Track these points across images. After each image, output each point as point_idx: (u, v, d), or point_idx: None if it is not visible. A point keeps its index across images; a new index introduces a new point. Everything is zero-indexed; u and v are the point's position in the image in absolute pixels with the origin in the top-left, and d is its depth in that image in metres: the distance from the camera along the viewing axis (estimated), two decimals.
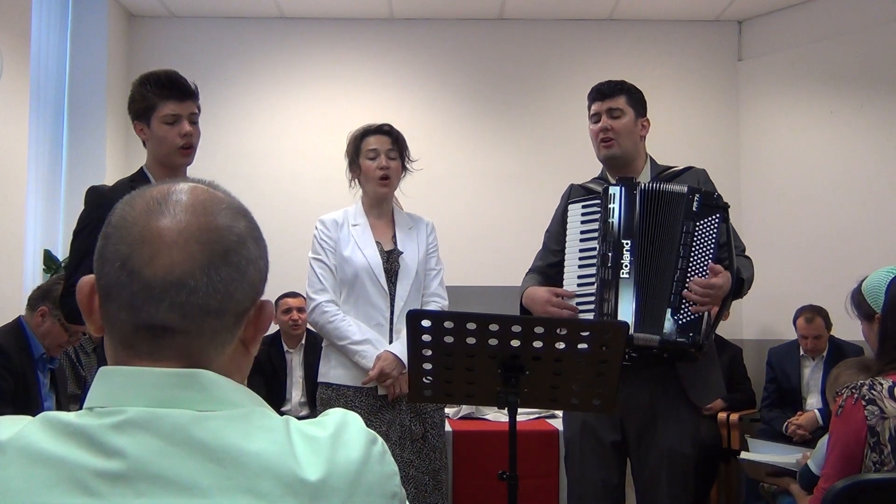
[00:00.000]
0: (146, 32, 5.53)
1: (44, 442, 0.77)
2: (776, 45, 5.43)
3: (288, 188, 5.36)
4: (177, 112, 2.32)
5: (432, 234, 2.96)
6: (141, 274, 0.81)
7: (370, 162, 2.83)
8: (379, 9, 5.46)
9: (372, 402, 2.75)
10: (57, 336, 3.27)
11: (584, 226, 2.46)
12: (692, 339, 2.27)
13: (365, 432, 0.86)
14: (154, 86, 2.33)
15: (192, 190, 0.87)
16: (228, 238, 0.84)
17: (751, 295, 2.54)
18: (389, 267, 2.82)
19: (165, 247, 0.81)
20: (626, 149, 2.54)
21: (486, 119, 5.59)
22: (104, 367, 0.84)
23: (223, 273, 0.82)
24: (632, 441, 2.44)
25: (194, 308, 0.81)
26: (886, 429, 1.74)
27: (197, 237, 0.82)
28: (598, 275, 2.38)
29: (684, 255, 2.32)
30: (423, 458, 2.74)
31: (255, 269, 0.86)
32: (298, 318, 4.60)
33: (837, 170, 5.06)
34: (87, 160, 5.04)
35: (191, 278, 0.81)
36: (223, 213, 0.85)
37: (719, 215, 2.34)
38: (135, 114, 2.36)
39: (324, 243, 2.85)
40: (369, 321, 2.78)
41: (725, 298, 2.31)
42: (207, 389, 0.82)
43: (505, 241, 5.14)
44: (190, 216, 0.83)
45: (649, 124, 2.62)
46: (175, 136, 2.32)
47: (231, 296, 0.83)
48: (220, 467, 0.77)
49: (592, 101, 2.60)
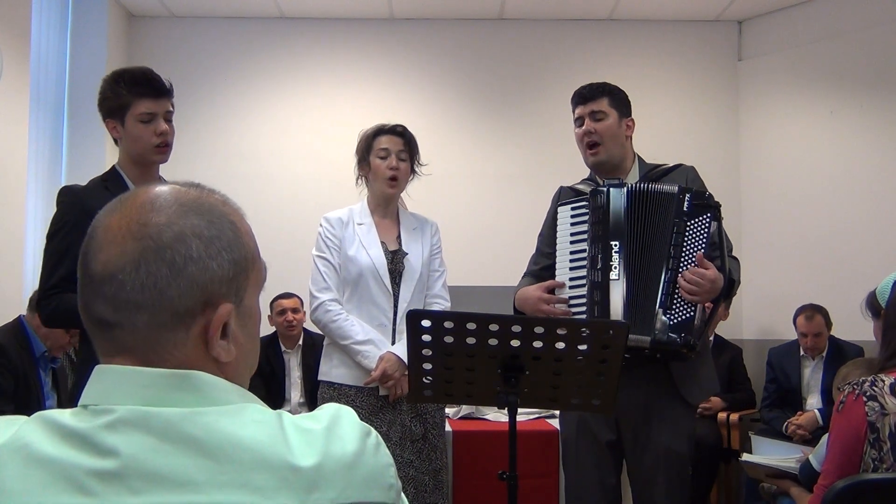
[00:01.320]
0: (146, 32, 5.53)
1: (39, 443, 0.78)
2: (776, 45, 5.43)
3: (287, 188, 5.36)
4: (152, 110, 2.27)
5: (437, 236, 2.96)
6: (88, 268, 0.85)
7: (380, 161, 2.83)
8: (379, 9, 5.46)
9: (373, 402, 2.75)
10: (59, 338, 3.28)
11: (573, 228, 2.46)
12: (684, 339, 2.26)
13: (359, 425, 0.86)
14: (128, 83, 2.28)
15: (152, 189, 0.88)
16: (165, 234, 0.83)
17: (751, 295, 2.54)
18: (394, 267, 2.82)
19: (107, 242, 0.84)
20: (613, 152, 2.54)
21: (486, 119, 5.59)
22: (99, 366, 0.85)
23: (152, 268, 0.82)
24: (627, 441, 2.44)
25: (122, 302, 0.82)
26: (886, 425, 1.74)
27: (133, 233, 0.83)
28: (588, 277, 2.38)
29: (675, 254, 2.31)
30: (424, 458, 2.74)
31: (200, 268, 0.84)
32: (293, 319, 4.60)
33: (837, 170, 5.05)
34: (87, 160, 5.04)
35: (120, 272, 0.82)
36: (168, 210, 0.85)
37: (710, 214, 2.32)
38: (107, 111, 2.30)
39: (328, 241, 2.84)
40: (372, 321, 2.78)
41: (717, 298, 2.30)
42: (200, 390, 0.82)
43: (505, 241, 5.14)
44: (135, 212, 0.85)
45: (634, 124, 2.61)
46: (151, 135, 2.27)
47: (161, 292, 0.82)
48: (214, 462, 0.77)
49: (575, 104, 2.60)
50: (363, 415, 2.69)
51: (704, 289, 2.25)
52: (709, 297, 2.29)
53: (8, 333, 3.25)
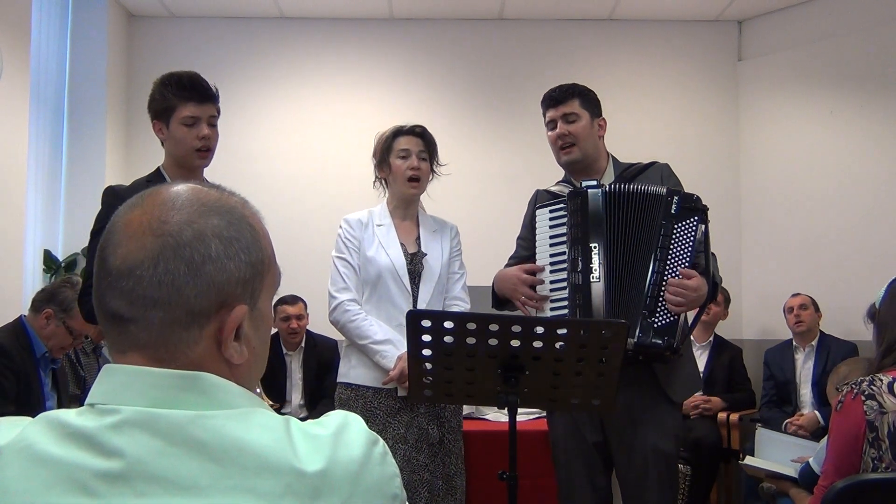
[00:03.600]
0: (146, 32, 5.53)
1: (43, 443, 0.78)
2: (776, 45, 5.43)
3: (288, 188, 5.36)
4: (196, 114, 2.34)
5: (456, 238, 2.96)
6: (106, 262, 0.85)
7: (401, 161, 2.81)
8: (379, 9, 5.46)
9: (391, 404, 2.72)
10: (61, 339, 3.27)
11: (552, 231, 2.45)
12: (666, 343, 2.25)
13: (366, 433, 0.85)
14: (175, 87, 2.34)
15: (179, 187, 0.88)
16: (184, 233, 0.84)
17: (751, 295, 2.55)
18: (413, 268, 2.81)
19: (126, 237, 0.84)
20: (587, 152, 2.54)
21: (486, 119, 5.59)
22: (108, 365, 0.85)
23: (171, 265, 0.82)
24: (613, 442, 2.43)
25: (139, 297, 0.82)
26: (885, 424, 1.74)
27: (154, 229, 0.83)
28: (568, 280, 2.37)
29: (661, 256, 2.29)
30: (439, 462, 2.70)
31: (218, 268, 0.84)
32: (297, 327, 4.59)
33: (837, 170, 5.05)
34: (87, 160, 5.04)
35: (139, 268, 0.82)
36: (189, 208, 0.85)
37: (698, 217, 2.31)
38: (154, 113, 2.38)
39: (348, 242, 2.82)
40: (391, 322, 2.76)
41: (703, 304, 2.30)
42: (208, 392, 0.82)
43: (505, 241, 5.09)
44: (157, 209, 0.85)
45: (606, 123, 2.61)
46: (193, 139, 2.34)
47: (178, 290, 0.82)
48: (220, 467, 0.76)
49: (546, 108, 2.60)
50: (381, 416, 2.67)
51: (689, 299, 2.25)
52: (693, 305, 2.29)
53: (9, 334, 3.24)
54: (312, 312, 4.64)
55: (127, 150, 5.33)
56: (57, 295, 3.25)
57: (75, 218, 4.92)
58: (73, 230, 4.93)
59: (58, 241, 4.93)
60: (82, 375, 3.82)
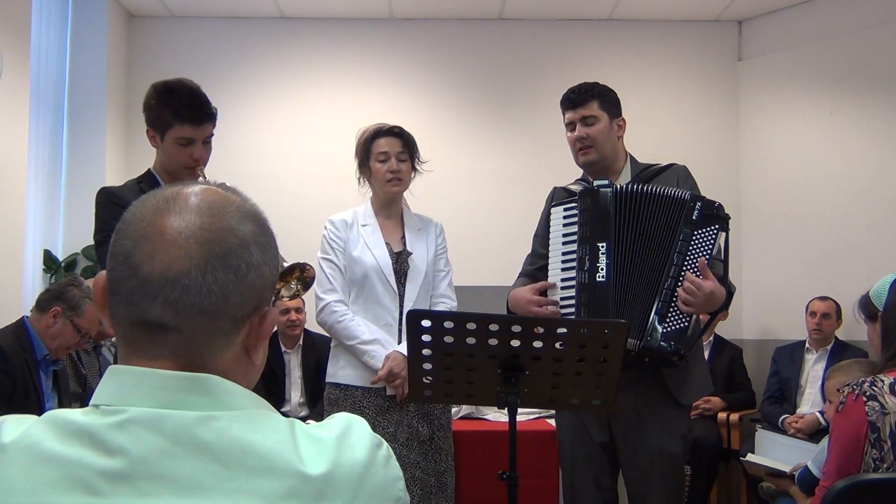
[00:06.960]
0: (146, 32, 5.53)
1: (47, 441, 0.78)
2: (776, 45, 5.43)
3: (288, 188, 5.35)
4: (192, 136, 2.31)
5: (441, 236, 2.96)
6: (140, 269, 0.82)
7: (380, 165, 2.82)
8: (379, 9, 5.46)
9: (380, 403, 2.74)
10: (68, 337, 3.26)
11: (565, 228, 2.45)
12: (674, 348, 2.24)
13: (370, 436, 0.86)
14: (175, 104, 2.29)
15: (204, 191, 0.87)
16: (230, 241, 0.83)
17: (751, 295, 2.55)
18: (399, 268, 2.82)
19: (165, 244, 0.82)
20: (605, 153, 2.52)
21: (486, 119, 5.59)
22: (113, 366, 0.84)
23: (220, 275, 0.82)
24: (619, 442, 2.43)
25: (187, 307, 0.81)
26: (887, 424, 1.74)
27: (197, 237, 0.82)
28: (576, 278, 2.37)
29: (678, 262, 2.28)
30: (430, 459, 2.73)
31: (258, 274, 0.85)
32: (297, 319, 4.59)
33: (837, 170, 5.05)
34: (87, 160, 5.04)
35: (185, 277, 0.81)
36: (229, 215, 0.85)
37: (719, 225, 2.30)
38: (149, 120, 2.34)
39: (333, 243, 2.84)
40: (378, 321, 2.78)
41: (715, 311, 2.29)
42: (214, 394, 0.82)
43: (504, 241, 5.13)
44: (194, 216, 0.83)
45: (625, 123, 2.59)
46: (186, 157, 2.33)
47: (227, 298, 0.82)
48: (224, 468, 0.76)
49: (565, 109, 2.57)
50: (370, 416, 2.69)
51: (699, 300, 2.21)
52: (704, 309, 2.27)
53: (9, 335, 3.22)
54: (311, 311, 4.63)
55: (127, 150, 5.33)
56: (65, 293, 3.25)
57: (75, 218, 4.92)
58: (73, 230, 4.93)
59: (58, 240, 4.93)
60: (83, 374, 3.81)
